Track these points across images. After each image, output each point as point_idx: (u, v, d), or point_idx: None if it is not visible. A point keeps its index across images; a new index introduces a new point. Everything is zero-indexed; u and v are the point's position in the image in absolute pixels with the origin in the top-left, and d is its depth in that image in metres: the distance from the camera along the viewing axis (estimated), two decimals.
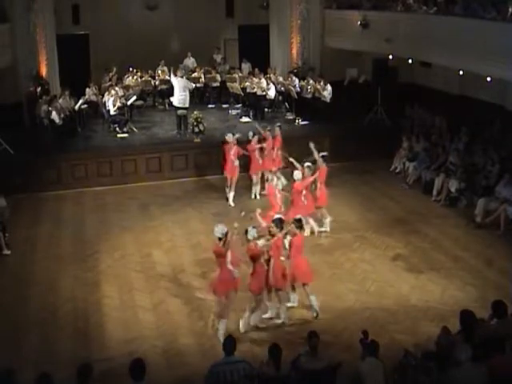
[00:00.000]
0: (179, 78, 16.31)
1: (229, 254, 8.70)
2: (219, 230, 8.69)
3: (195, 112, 16.34)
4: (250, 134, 14.18)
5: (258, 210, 9.96)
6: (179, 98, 16.24)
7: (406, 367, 6.71)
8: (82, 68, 20.18)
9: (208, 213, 13.39)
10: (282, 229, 9.12)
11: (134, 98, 17.75)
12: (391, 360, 6.94)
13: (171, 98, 17.04)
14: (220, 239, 8.68)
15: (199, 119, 16.14)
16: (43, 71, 17.75)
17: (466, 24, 14.34)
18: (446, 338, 7.02)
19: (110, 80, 18.63)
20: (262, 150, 14.01)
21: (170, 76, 17.90)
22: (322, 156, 12.24)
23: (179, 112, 16.45)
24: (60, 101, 16.50)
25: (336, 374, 6.75)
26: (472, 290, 10.00)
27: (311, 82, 17.94)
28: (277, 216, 9.53)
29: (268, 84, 18.23)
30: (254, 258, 8.76)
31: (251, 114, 18.22)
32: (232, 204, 13.64)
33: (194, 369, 8.05)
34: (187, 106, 16.47)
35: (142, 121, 18.20)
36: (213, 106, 19.85)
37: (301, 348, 7.12)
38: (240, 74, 19.82)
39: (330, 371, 6.70)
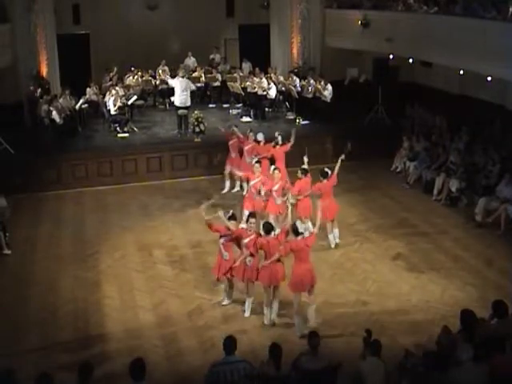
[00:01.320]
0: (180, 79, 16.32)
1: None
2: (300, 226, 9.03)
3: (196, 112, 16.34)
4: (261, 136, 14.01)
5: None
6: (181, 98, 16.24)
7: (406, 367, 6.70)
8: (83, 68, 20.16)
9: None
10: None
11: (135, 97, 17.77)
12: (392, 360, 6.93)
13: (172, 98, 17.03)
14: (300, 234, 8.82)
15: (200, 119, 16.14)
16: (43, 71, 17.74)
17: (466, 24, 14.35)
18: (446, 337, 7.01)
19: (111, 80, 18.64)
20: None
21: (168, 78, 18.01)
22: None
23: (180, 112, 16.45)
24: (60, 100, 16.51)
25: (337, 374, 6.74)
26: (472, 290, 9.99)
27: (312, 81, 17.94)
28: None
29: (269, 84, 18.23)
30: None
31: (252, 113, 18.23)
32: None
33: (194, 368, 8.06)
34: (189, 104, 16.49)
35: (142, 120, 18.19)
36: (213, 105, 19.85)
37: (301, 348, 7.11)
38: (241, 74, 19.83)
39: (331, 371, 6.69)
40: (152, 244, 11.99)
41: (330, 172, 11.50)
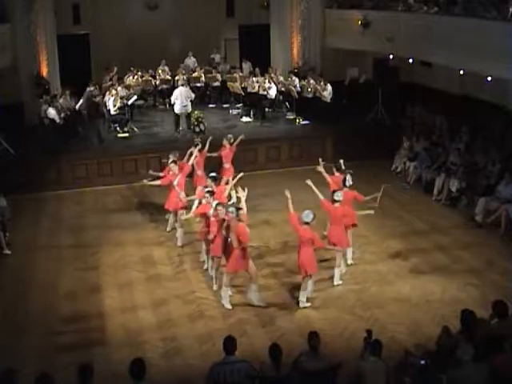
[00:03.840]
0: (182, 88, 16.39)
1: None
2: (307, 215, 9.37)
3: (196, 111, 16.35)
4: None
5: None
6: (181, 107, 16.30)
7: (406, 367, 6.70)
8: (83, 68, 20.18)
9: None
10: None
11: (135, 97, 17.76)
12: (392, 360, 6.94)
13: (172, 100, 16.99)
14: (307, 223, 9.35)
15: (200, 119, 16.15)
16: (44, 71, 17.76)
17: (466, 24, 14.35)
18: (446, 337, 7.02)
19: (111, 80, 18.62)
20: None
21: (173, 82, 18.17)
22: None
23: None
24: (60, 101, 16.51)
25: (337, 375, 6.74)
26: (472, 290, 9.99)
27: (312, 81, 17.94)
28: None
29: (269, 83, 18.24)
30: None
31: (252, 113, 18.22)
32: None
33: (194, 369, 8.07)
34: (190, 111, 16.59)
35: (142, 120, 18.19)
36: (213, 105, 19.84)
37: (301, 348, 7.11)
38: (241, 74, 19.82)
39: (331, 371, 6.69)
40: (152, 244, 11.99)
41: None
